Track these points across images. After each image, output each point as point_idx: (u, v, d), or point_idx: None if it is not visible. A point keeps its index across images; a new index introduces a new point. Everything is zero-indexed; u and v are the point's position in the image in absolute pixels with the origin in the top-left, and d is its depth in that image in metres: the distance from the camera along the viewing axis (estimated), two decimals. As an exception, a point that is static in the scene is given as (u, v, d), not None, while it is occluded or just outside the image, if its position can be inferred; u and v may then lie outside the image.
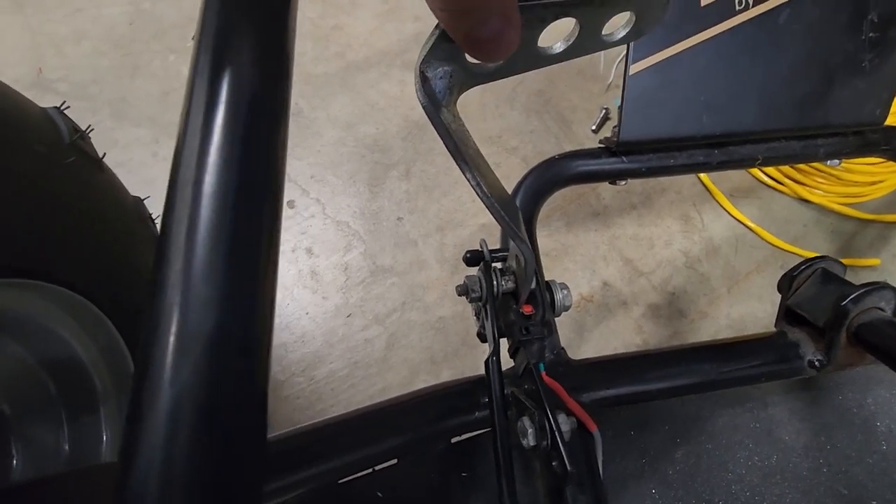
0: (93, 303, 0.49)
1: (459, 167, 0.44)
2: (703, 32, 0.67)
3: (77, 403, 0.52)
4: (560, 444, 0.46)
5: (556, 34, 0.28)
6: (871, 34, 0.70)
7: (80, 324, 0.51)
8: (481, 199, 0.46)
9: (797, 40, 0.69)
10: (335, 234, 1.03)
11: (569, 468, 0.45)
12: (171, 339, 0.23)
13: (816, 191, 1.17)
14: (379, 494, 0.54)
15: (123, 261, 0.55)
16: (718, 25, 0.66)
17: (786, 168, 1.17)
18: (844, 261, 0.63)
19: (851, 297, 0.59)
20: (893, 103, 0.77)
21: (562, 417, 0.48)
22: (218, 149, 0.27)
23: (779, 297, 0.67)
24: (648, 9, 0.28)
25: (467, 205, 1.09)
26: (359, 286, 0.99)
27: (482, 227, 0.61)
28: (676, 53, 0.67)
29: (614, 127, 0.74)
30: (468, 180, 0.45)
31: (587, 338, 0.97)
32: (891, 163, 1.11)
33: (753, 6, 0.67)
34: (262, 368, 0.25)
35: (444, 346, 0.94)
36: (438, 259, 1.02)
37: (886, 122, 0.79)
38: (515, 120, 1.19)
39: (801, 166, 1.16)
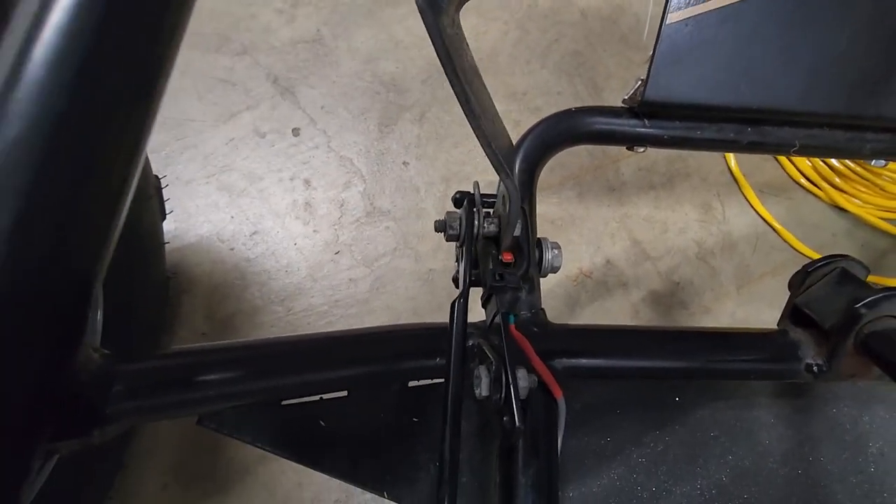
0: None
1: (449, 79, 0.39)
2: (759, -13, 0.59)
3: None
4: (512, 398, 0.42)
5: None
6: (951, 17, 0.62)
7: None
8: (467, 116, 0.42)
9: (866, 11, 0.61)
10: (336, 169, 0.99)
11: (517, 424, 0.41)
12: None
13: (854, 199, 1.08)
14: (321, 423, 0.51)
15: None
16: (777, -19, 0.59)
17: (824, 169, 1.08)
18: (869, 278, 0.57)
19: (866, 300, 0.53)
20: (960, 103, 0.68)
21: (521, 373, 0.45)
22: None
23: (790, 300, 0.62)
24: None
25: (477, 159, 1.04)
26: (352, 225, 0.95)
27: (490, 185, 0.57)
28: (724, 6, 0.60)
29: (639, 83, 0.68)
30: (456, 95, 0.40)
31: (578, 313, 0.93)
32: (943, 180, 1.02)
33: (821, -36, 0.59)
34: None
35: (430, 299, 0.90)
36: (439, 210, 0.98)
37: (947, 126, 0.71)
38: (544, 79, 1.12)
39: (842, 170, 1.08)
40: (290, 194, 0.97)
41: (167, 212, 0.71)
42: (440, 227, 0.53)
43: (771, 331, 0.61)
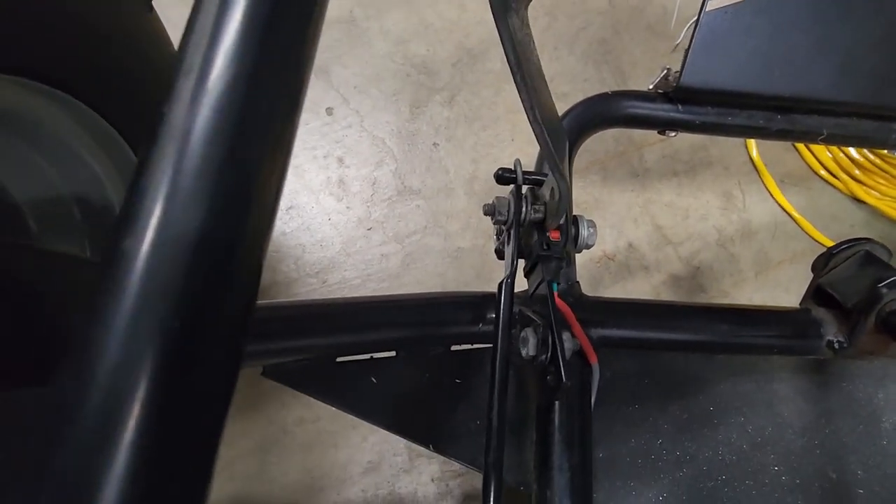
0: (124, 139, 0.50)
1: (516, 83, 0.40)
2: (796, -22, 0.61)
3: (97, 235, 0.54)
4: (560, 357, 0.46)
5: None
6: (981, 11, 0.64)
7: (111, 157, 0.52)
8: (531, 123, 0.43)
9: (897, 4, 0.63)
10: (369, 148, 1.02)
11: (564, 380, 0.45)
12: (152, 225, 0.21)
13: (873, 191, 1.10)
14: (373, 380, 0.55)
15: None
16: (815, -28, 0.61)
17: (844, 161, 1.10)
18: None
19: (888, 280, 0.56)
20: None
21: (566, 335, 0.48)
22: (237, 26, 0.24)
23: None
24: None
25: (505, 142, 1.06)
26: (384, 202, 0.98)
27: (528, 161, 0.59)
28: (762, -5, 0.62)
29: (675, 71, 0.70)
30: (522, 101, 0.41)
31: (601, 293, 0.96)
32: (961, 174, 1.04)
33: (858, -44, 0.61)
34: (246, 274, 0.23)
35: (458, 275, 0.94)
36: (467, 191, 1.01)
37: (972, 118, 0.73)
38: (571, 65, 1.14)
39: (862, 161, 1.10)
40: (324, 171, 1.00)
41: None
42: (489, 210, 0.55)
43: (794, 309, 0.64)
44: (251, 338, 0.45)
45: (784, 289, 1.01)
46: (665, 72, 1.12)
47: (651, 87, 1.18)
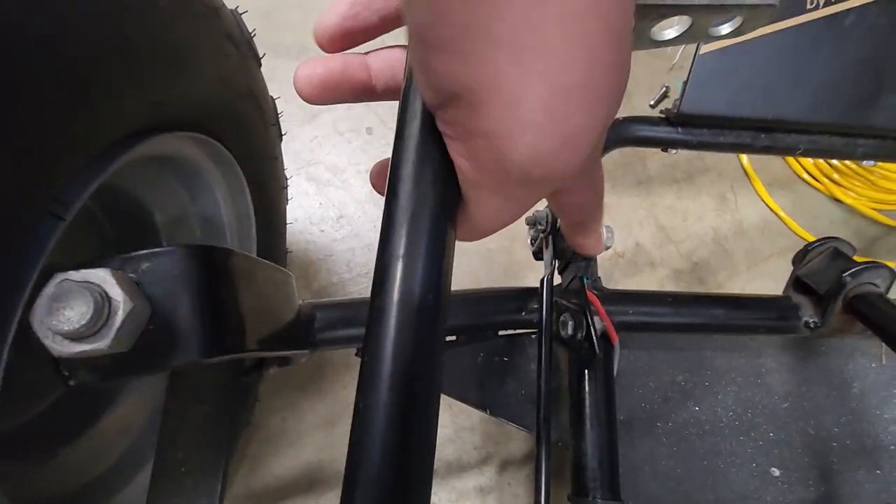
0: (236, 160, 0.63)
1: None
2: (773, 25, 0.75)
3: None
4: (593, 334, 0.59)
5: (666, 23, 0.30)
6: (926, 48, 0.78)
7: (227, 180, 0.65)
8: None
9: (857, 44, 0.77)
10: (405, 163, 1.16)
11: (597, 352, 0.58)
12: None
13: (850, 192, 1.24)
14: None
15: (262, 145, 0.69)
16: (788, 20, 0.74)
17: (824, 166, 1.24)
18: (860, 259, 0.72)
19: (851, 271, 0.70)
20: (934, 115, 0.84)
21: (596, 318, 0.62)
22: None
23: (792, 281, 0.78)
24: (756, 17, 0.30)
25: (525, 155, 1.20)
26: (421, 211, 1.12)
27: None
28: (745, 41, 0.75)
29: (675, 100, 0.83)
30: None
31: (614, 286, 1.09)
32: (927, 176, 1.18)
33: (823, 7, 0.74)
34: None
35: (489, 272, 1.07)
36: (493, 199, 1.15)
37: (925, 133, 0.86)
38: (580, 84, 1.28)
39: (840, 167, 1.23)
40: (367, 184, 1.13)
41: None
42: (531, 221, 0.69)
43: (777, 296, 0.78)
44: (350, 325, 0.59)
45: (773, 279, 1.15)
46: (664, 89, 1.28)
47: (652, 102, 1.34)
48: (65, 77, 0.33)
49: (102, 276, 0.28)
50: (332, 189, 1.12)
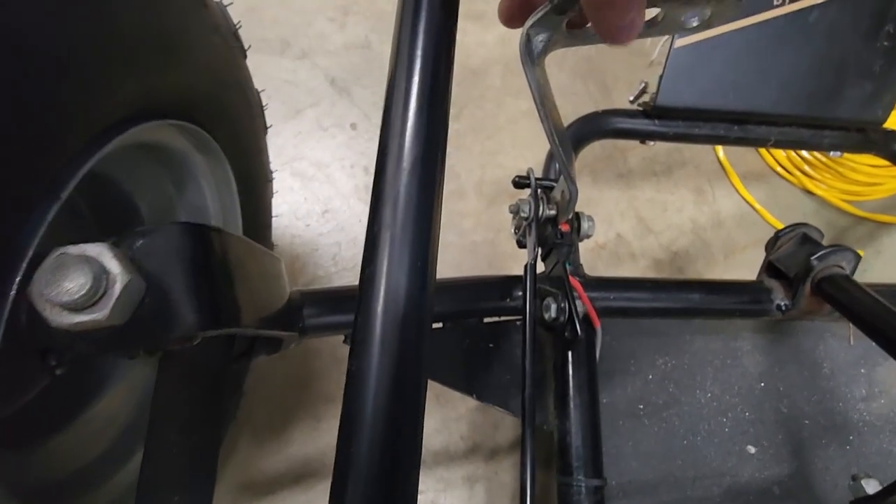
0: (222, 150, 0.63)
1: (539, 115, 0.54)
2: (743, 20, 0.78)
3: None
4: (575, 317, 0.61)
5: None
6: (885, 43, 0.82)
7: (212, 171, 0.65)
8: (550, 142, 0.58)
9: (821, 39, 0.80)
10: (390, 159, 1.17)
11: (579, 334, 0.60)
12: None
13: (821, 184, 1.29)
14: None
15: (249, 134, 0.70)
16: (756, 16, 0.78)
17: (797, 159, 1.29)
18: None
19: (818, 254, 0.73)
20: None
21: (578, 302, 0.64)
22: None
23: (766, 268, 0.81)
24: (724, 10, 0.31)
25: (508, 149, 1.22)
26: (406, 205, 1.13)
27: (519, 170, 0.72)
28: (716, 35, 0.78)
29: (652, 93, 0.86)
30: (544, 127, 0.56)
31: (596, 277, 1.12)
32: (892, 168, 1.23)
33: (789, 3, 0.78)
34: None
35: (474, 264, 1.09)
36: (477, 193, 1.17)
37: (886, 126, 0.91)
38: (562, 81, 1.31)
39: (812, 160, 1.28)
40: (352, 179, 1.14)
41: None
42: (514, 209, 0.70)
43: (751, 281, 0.81)
44: (338, 311, 0.60)
45: (748, 268, 1.18)
46: (643, 85, 1.32)
47: (631, 98, 1.37)
48: (55, 66, 0.33)
49: (99, 251, 0.29)
50: (317, 184, 1.12)
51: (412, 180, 0.32)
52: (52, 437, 0.55)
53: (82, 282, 0.27)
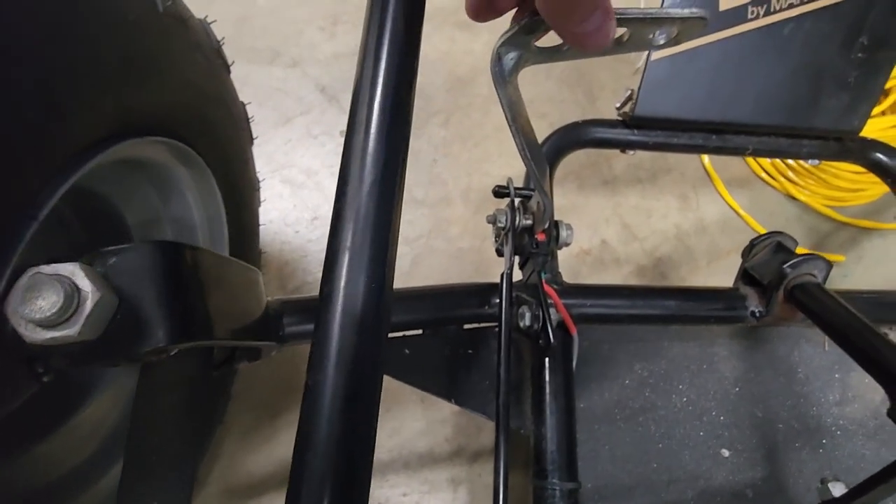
0: (207, 165, 0.65)
1: (511, 132, 0.55)
2: (718, 33, 0.80)
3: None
4: (548, 325, 0.63)
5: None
6: (859, 54, 0.83)
7: (197, 184, 0.67)
8: (523, 159, 0.59)
9: (796, 51, 0.82)
10: (378, 166, 1.18)
11: (552, 341, 0.62)
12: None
13: (805, 190, 1.31)
14: (406, 351, 0.71)
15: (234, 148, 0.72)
16: (731, 29, 0.79)
17: (781, 166, 1.31)
18: (804, 251, 0.77)
19: (790, 262, 0.75)
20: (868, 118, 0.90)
21: (552, 310, 0.65)
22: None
23: (748, 274, 0.83)
24: (689, 28, 0.33)
25: (494, 157, 1.24)
26: (394, 212, 1.15)
27: (505, 178, 0.74)
28: (693, 48, 0.80)
29: (629, 93, 0.88)
30: (516, 144, 0.57)
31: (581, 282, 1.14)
32: (873, 174, 1.25)
33: (763, 16, 0.80)
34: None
35: (460, 271, 1.11)
36: (464, 200, 1.18)
37: (862, 134, 0.92)
38: (549, 89, 1.33)
39: (796, 167, 1.30)
40: (341, 187, 1.16)
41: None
42: (491, 219, 0.72)
43: (727, 288, 0.83)
44: (310, 321, 0.61)
45: (731, 274, 1.19)
46: (629, 92, 1.33)
47: (618, 104, 1.39)
48: (38, 87, 0.35)
49: (72, 270, 0.31)
50: (307, 191, 1.14)
51: (370, 202, 0.34)
52: (39, 442, 0.57)
53: (55, 300, 0.29)
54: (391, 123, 0.36)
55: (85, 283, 0.30)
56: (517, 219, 0.70)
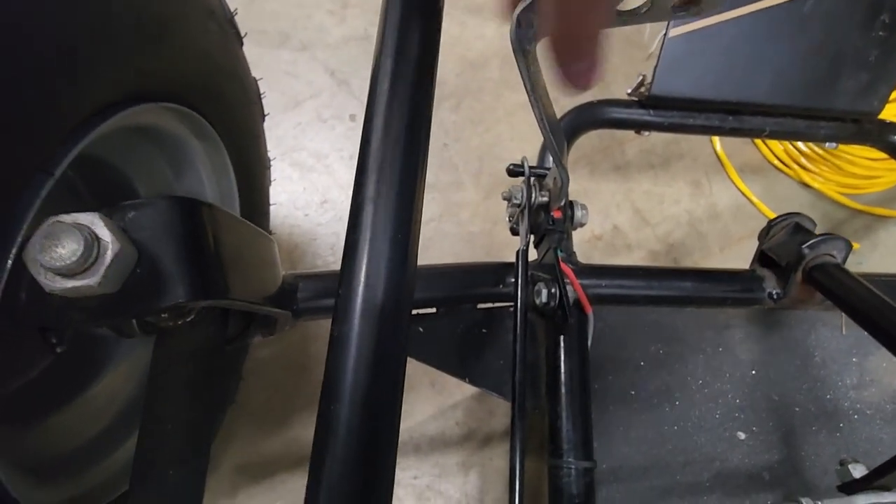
0: (219, 137, 0.64)
1: (530, 102, 0.54)
2: (737, 11, 0.78)
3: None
4: (566, 302, 0.62)
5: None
6: (880, 33, 0.82)
7: (209, 157, 0.66)
8: (541, 129, 0.58)
9: (816, 29, 0.81)
10: (388, 150, 1.18)
11: (569, 318, 0.61)
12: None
13: (818, 177, 1.29)
14: (420, 329, 0.71)
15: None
16: (750, 6, 0.78)
17: (794, 152, 1.29)
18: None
19: (809, 243, 0.73)
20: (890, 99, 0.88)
21: (568, 288, 0.65)
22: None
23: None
24: None
25: (505, 141, 1.23)
26: (404, 196, 1.14)
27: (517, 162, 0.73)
28: (710, 25, 0.79)
29: (641, 78, 0.87)
30: (535, 114, 0.56)
31: (592, 268, 1.13)
32: (890, 161, 1.23)
33: (783, -7, 0.78)
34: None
35: (471, 254, 1.10)
36: (475, 184, 1.17)
37: (882, 117, 0.91)
38: (560, 73, 1.31)
39: (809, 153, 1.28)
40: (351, 170, 1.15)
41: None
42: (507, 196, 0.71)
43: (744, 270, 0.81)
44: (325, 296, 0.61)
45: (744, 260, 1.18)
46: (641, 77, 1.32)
47: (630, 90, 1.38)
48: (52, 48, 0.34)
49: (91, 219, 0.30)
50: (316, 174, 1.13)
51: (396, 151, 0.33)
52: (54, 414, 0.56)
53: (74, 248, 0.28)
54: (417, 67, 0.36)
55: (105, 233, 0.30)
56: (533, 195, 0.69)
